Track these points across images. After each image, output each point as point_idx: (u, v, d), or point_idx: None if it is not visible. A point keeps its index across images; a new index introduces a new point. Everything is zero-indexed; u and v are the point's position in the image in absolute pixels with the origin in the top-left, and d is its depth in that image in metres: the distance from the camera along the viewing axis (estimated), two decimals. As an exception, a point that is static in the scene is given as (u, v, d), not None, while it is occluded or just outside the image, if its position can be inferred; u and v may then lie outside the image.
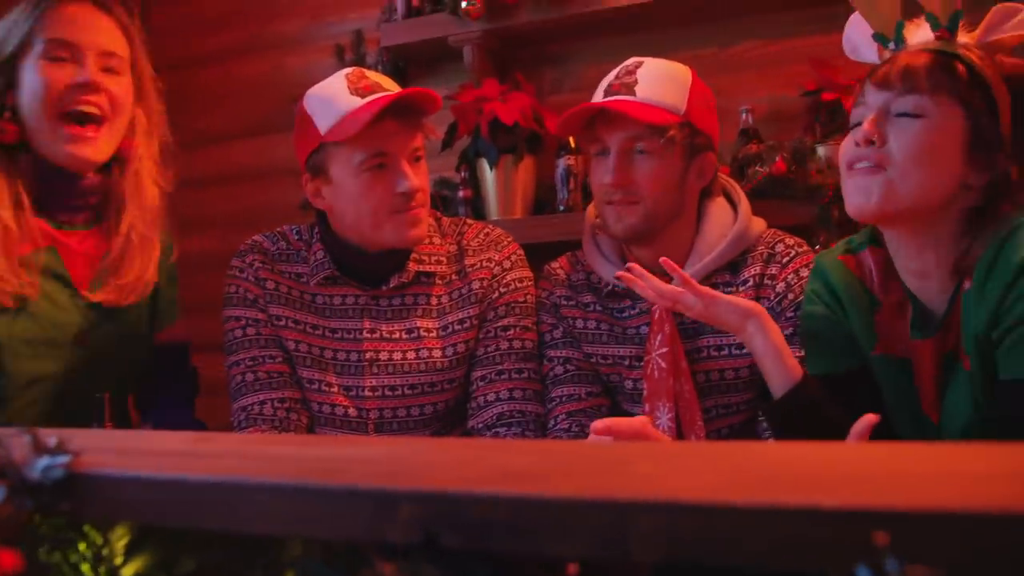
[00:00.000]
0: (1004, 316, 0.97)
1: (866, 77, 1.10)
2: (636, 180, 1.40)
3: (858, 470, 0.44)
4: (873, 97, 1.07)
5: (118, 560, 0.58)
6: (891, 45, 1.10)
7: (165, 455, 0.59)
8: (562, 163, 2.02)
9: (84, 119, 1.35)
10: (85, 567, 0.57)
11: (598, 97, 1.43)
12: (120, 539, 0.58)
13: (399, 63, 2.30)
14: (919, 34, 1.09)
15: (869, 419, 1.00)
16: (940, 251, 1.08)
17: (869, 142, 1.05)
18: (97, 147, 1.38)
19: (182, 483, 0.52)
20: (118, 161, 1.44)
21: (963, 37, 1.07)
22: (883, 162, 1.04)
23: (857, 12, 1.15)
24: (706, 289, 1.23)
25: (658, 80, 1.42)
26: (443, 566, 0.39)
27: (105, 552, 0.58)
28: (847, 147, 1.09)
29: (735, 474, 0.42)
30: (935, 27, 1.07)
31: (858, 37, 1.15)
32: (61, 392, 1.40)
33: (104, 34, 1.38)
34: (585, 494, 0.35)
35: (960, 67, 1.03)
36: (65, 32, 1.34)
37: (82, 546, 0.58)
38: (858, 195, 1.07)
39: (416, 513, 0.39)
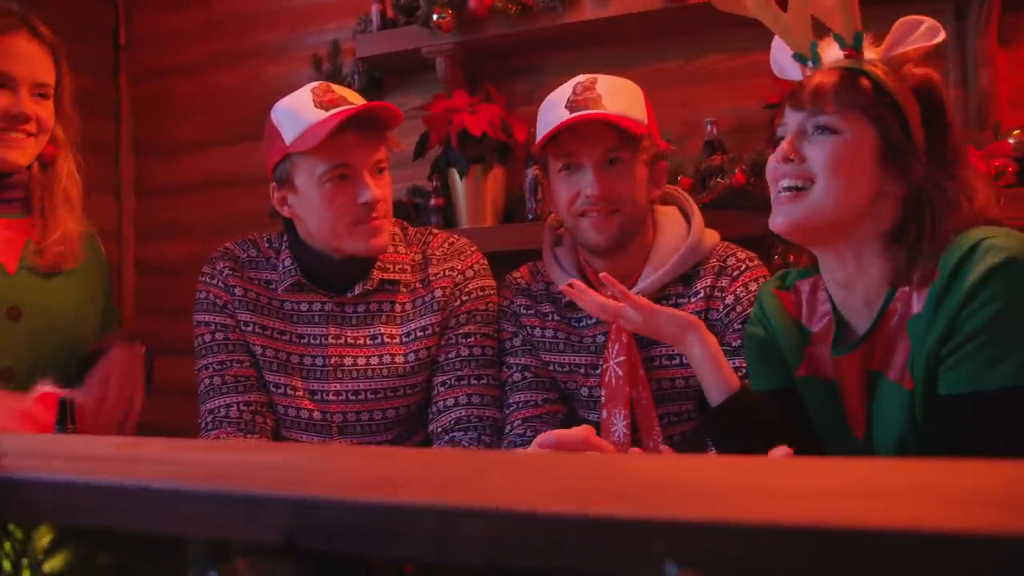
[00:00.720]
0: (954, 335, 1.01)
1: (786, 98, 1.14)
2: (616, 190, 1.43)
3: (693, 481, 0.47)
4: (790, 117, 1.12)
5: (40, 557, 0.61)
6: (809, 64, 1.14)
7: (86, 459, 0.63)
8: (530, 173, 2.05)
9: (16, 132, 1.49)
10: (7, 564, 0.61)
11: (559, 114, 1.44)
12: (43, 537, 0.62)
13: (374, 73, 2.34)
14: (832, 52, 1.13)
15: (782, 452, 1.05)
16: (863, 260, 1.11)
17: (788, 160, 1.09)
18: (24, 152, 1.50)
19: (97, 487, 0.56)
20: (42, 165, 1.56)
21: (871, 53, 1.11)
22: (804, 177, 1.08)
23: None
24: (645, 302, 1.27)
25: (620, 94, 1.46)
26: (299, 565, 0.43)
27: (28, 549, 0.62)
28: (770, 164, 1.13)
29: (569, 484, 0.45)
30: (842, 46, 1.11)
31: (782, 58, 1.19)
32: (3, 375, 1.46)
33: (38, 64, 1.50)
34: (417, 500, 0.40)
35: (865, 82, 1.07)
36: (3, 64, 1.46)
37: (7, 546, 0.62)
38: (780, 215, 1.11)
39: (279, 516, 0.43)
